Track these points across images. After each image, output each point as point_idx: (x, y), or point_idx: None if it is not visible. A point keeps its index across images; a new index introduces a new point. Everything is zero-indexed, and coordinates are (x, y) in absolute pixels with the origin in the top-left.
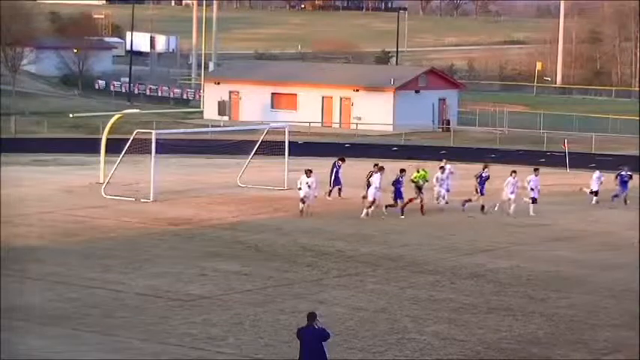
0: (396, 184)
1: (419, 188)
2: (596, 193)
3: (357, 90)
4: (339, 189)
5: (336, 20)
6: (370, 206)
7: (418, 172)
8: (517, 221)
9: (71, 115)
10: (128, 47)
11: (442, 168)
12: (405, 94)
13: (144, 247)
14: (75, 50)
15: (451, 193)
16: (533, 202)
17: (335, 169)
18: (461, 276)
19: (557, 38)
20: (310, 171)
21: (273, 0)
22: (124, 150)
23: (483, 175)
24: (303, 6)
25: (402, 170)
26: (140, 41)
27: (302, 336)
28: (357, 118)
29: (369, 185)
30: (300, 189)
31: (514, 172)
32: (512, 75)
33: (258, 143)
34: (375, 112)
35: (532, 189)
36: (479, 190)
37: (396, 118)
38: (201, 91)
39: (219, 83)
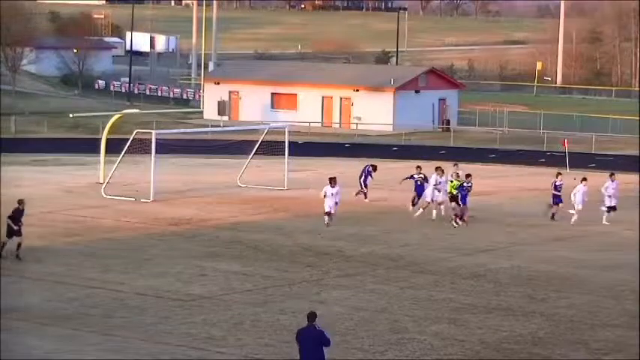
0: (461, 190)
1: (457, 198)
2: None
3: (357, 90)
4: (359, 191)
5: (336, 20)
6: (426, 206)
7: (452, 182)
8: (517, 221)
9: (71, 115)
10: (128, 47)
11: (439, 169)
12: (405, 94)
13: (144, 247)
14: (75, 50)
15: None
16: (613, 210)
17: (364, 175)
18: (461, 276)
19: (557, 38)
20: (334, 179)
21: (273, 0)
22: (124, 150)
23: (557, 183)
24: (303, 6)
25: (468, 175)
26: (140, 41)
27: (301, 336)
28: (357, 118)
29: (419, 189)
30: (324, 196)
31: (584, 179)
32: (512, 75)
33: (258, 143)
34: (375, 112)
35: (609, 196)
36: (555, 201)
37: (396, 118)
38: (201, 91)
39: (219, 83)
